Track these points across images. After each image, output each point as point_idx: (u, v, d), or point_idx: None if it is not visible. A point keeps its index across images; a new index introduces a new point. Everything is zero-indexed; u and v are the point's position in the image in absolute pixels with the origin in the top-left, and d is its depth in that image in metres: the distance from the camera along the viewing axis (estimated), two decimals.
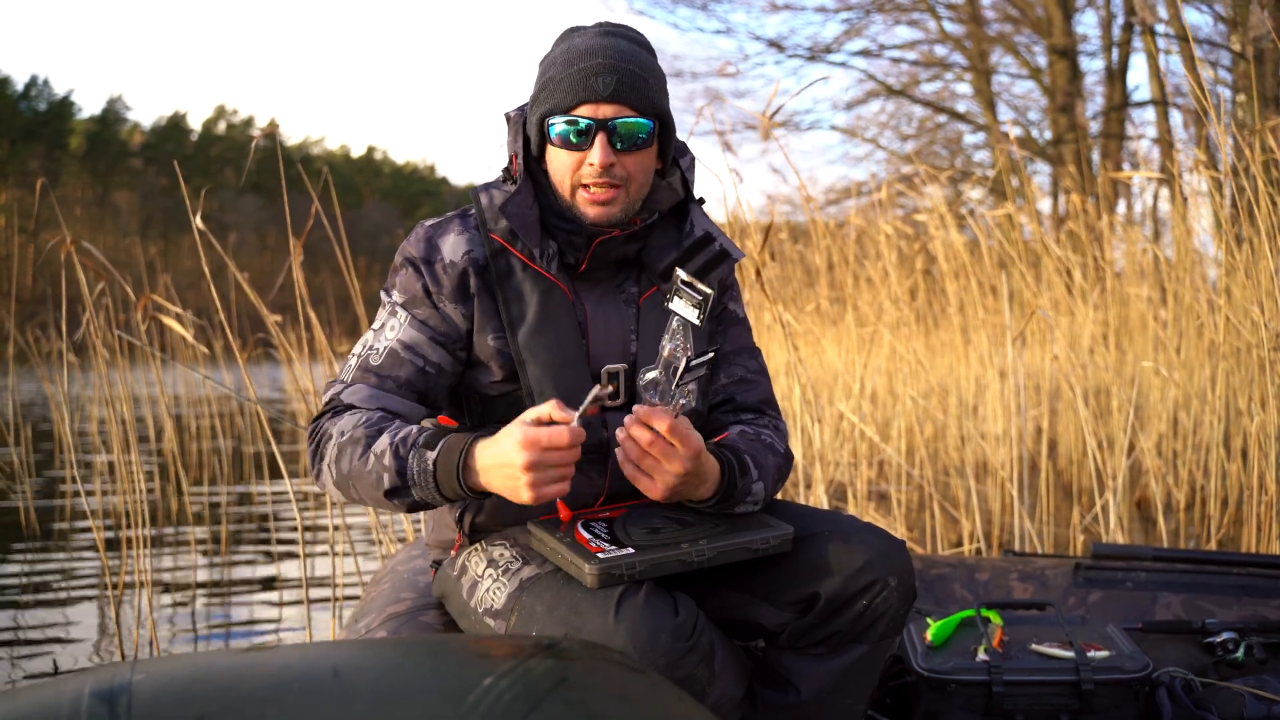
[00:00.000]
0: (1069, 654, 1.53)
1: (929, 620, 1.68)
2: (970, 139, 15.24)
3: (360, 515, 4.12)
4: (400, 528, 2.80)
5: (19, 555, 3.63)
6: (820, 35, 21.82)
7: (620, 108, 1.21)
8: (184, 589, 3.18)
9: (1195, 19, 9.61)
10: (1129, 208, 8.75)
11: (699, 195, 1.39)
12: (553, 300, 1.28)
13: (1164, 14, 8.12)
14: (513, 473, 1.05)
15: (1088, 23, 17.16)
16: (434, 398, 1.29)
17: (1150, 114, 11.65)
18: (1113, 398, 3.77)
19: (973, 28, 13.83)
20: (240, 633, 2.76)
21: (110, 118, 43.52)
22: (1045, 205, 10.22)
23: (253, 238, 31.64)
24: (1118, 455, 2.80)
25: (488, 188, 1.32)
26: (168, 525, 4.03)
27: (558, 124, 1.23)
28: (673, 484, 1.12)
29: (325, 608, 2.95)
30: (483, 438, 1.11)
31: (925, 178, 4.55)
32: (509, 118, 1.34)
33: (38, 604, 3.01)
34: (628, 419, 1.12)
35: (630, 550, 1.12)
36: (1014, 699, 1.50)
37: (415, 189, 51.01)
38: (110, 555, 3.02)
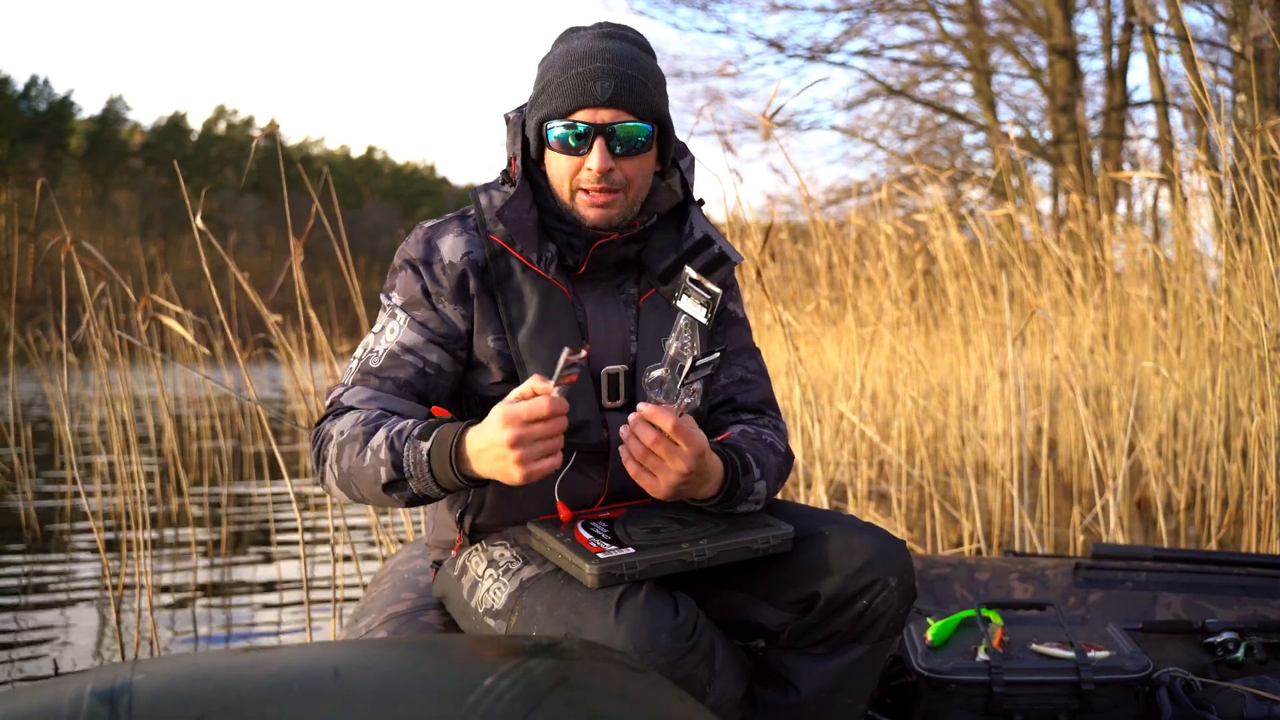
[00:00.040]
0: (1069, 654, 1.53)
1: (929, 620, 1.68)
2: (970, 139, 15.27)
3: (361, 516, 4.12)
4: (400, 528, 2.80)
5: (19, 556, 3.63)
6: (820, 35, 21.88)
7: (618, 113, 1.21)
8: (184, 590, 3.18)
9: (1195, 19, 9.62)
10: (1129, 208, 8.75)
11: (699, 196, 1.39)
12: (553, 301, 1.28)
13: (1164, 14, 8.12)
14: (500, 452, 1.04)
15: (1088, 23, 17.18)
16: (435, 399, 1.29)
17: (1150, 114, 11.67)
18: (1113, 398, 3.77)
19: (973, 28, 13.84)
20: (241, 634, 2.76)
21: (110, 118, 43.53)
22: (1045, 205, 10.23)
23: (253, 238, 31.60)
24: (1118, 455, 2.80)
25: (487, 189, 1.32)
26: (168, 526, 4.04)
27: (556, 128, 1.23)
28: (676, 483, 1.12)
29: (326, 609, 2.95)
30: (475, 424, 1.11)
31: (925, 178, 4.54)
32: (508, 119, 1.34)
33: (38, 605, 3.01)
34: (632, 417, 1.12)
35: (630, 550, 1.13)
36: (1014, 699, 1.50)
37: (415, 189, 51.01)
38: (110, 556, 3.02)
